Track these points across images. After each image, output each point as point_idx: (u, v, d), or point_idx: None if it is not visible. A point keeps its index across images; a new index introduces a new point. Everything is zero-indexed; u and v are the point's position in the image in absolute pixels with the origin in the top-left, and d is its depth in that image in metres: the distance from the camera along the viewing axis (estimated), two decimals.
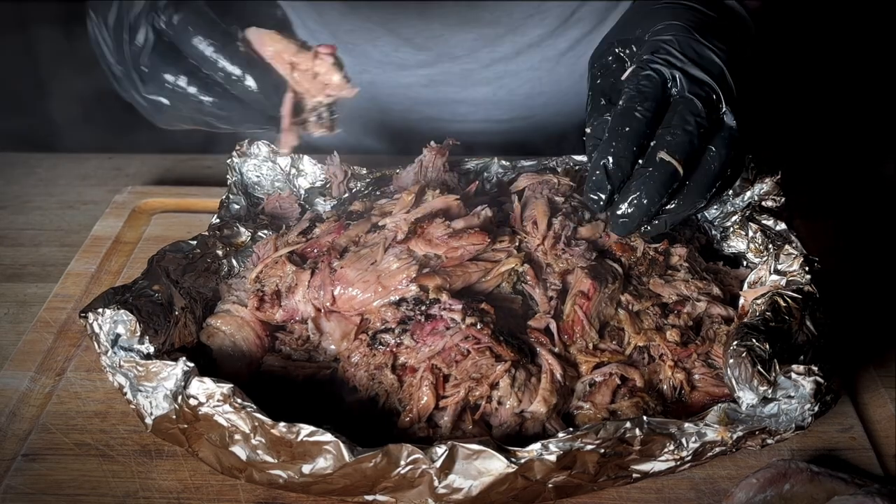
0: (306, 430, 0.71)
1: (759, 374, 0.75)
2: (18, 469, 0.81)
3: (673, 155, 0.77)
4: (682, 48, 0.82)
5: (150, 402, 0.77)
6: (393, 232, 0.90)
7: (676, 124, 0.78)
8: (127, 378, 0.78)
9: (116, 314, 0.81)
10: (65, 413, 0.87)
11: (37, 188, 1.30)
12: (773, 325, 0.81)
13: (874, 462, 0.82)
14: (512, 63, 1.26)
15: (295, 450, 0.71)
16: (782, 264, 0.91)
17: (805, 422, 0.75)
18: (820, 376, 0.75)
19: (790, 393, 0.75)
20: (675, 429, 0.74)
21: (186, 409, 0.75)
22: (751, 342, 0.78)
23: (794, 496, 0.75)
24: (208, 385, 0.74)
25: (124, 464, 0.81)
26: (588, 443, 0.72)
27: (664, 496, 0.78)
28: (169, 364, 0.76)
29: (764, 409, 0.75)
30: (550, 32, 1.23)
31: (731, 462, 0.81)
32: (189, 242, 0.95)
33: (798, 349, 0.81)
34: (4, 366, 0.93)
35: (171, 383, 0.76)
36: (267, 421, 0.72)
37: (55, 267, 1.11)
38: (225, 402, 0.74)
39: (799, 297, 0.84)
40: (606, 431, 0.72)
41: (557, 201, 0.97)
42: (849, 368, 0.93)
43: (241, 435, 0.73)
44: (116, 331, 0.80)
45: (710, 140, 0.80)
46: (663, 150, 0.78)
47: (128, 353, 0.79)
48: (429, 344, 0.81)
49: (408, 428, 0.79)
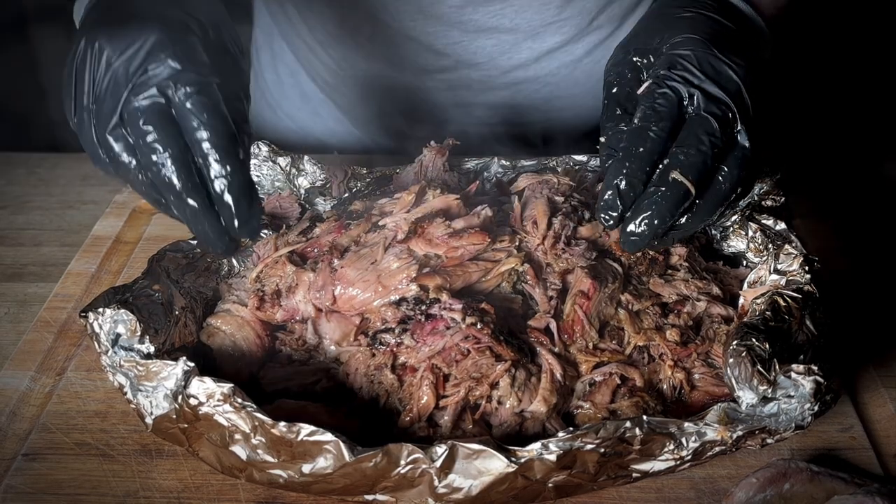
0: (306, 429, 0.71)
1: (758, 374, 0.75)
2: (19, 469, 0.81)
3: (686, 176, 0.78)
4: (700, 64, 0.82)
5: (151, 401, 0.77)
6: (393, 232, 0.90)
7: (691, 143, 0.78)
8: (127, 378, 0.78)
9: (117, 314, 0.81)
10: (65, 413, 0.87)
11: (37, 188, 1.30)
12: (773, 324, 0.81)
13: (874, 462, 0.82)
14: (530, 69, 1.27)
15: (295, 449, 0.71)
16: (782, 264, 0.91)
17: (805, 421, 0.75)
18: (820, 376, 0.75)
19: (790, 392, 0.75)
20: (674, 428, 0.74)
21: (187, 409, 0.75)
22: (750, 342, 0.78)
23: (794, 496, 0.75)
24: (208, 385, 0.74)
25: (125, 463, 0.81)
26: (588, 442, 0.72)
27: (664, 496, 0.78)
28: (169, 364, 0.76)
29: (764, 409, 0.75)
30: (569, 39, 1.24)
31: (731, 462, 0.81)
32: (189, 242, 0.95)
33: (798, 349, 0.81)
34: (5, 365, 0.93)
35: (172, 383, 0.76)
36: (267, 420, 0.72)
37: (55, 267, 1.11)
38: (225, 402, 0.73)
39: (799, 296, 0.84)
40: (606, 431, 0.72)
41: (557, 201, 0.97)
42: (849, 368, 0.93)
43: (241, 434, 0.73)
44: (117, 330, 0.80)
45: (723, 159, 0.81)
46: (676, 169, 0.78)
47: (128, 353, 0.79)
48: (429, 344, 0.81)
49: (408, 427, 0.80)
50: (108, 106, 0.73)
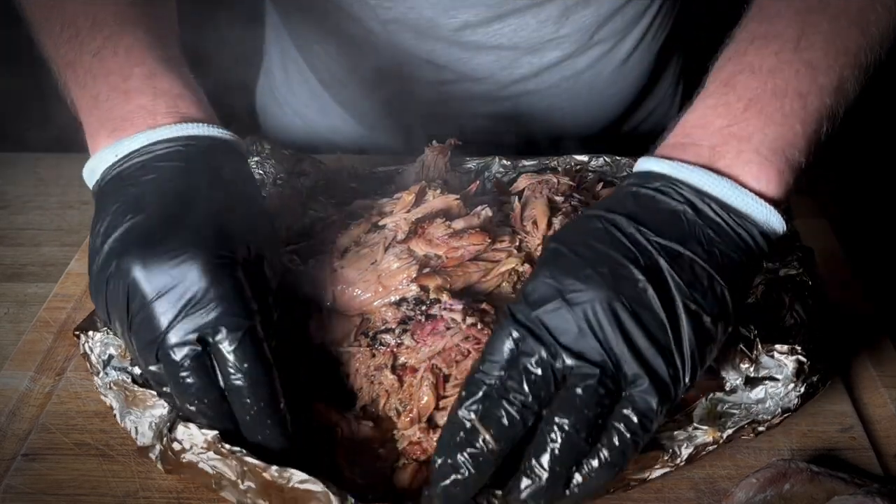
0: (298, 476, 0.69)
1: (741, 353, 0.77)
2: (18, 469, 0.81)
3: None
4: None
5: (137, 427, 0.77)
6: (393, 232, 0.90)
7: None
8: (118, 400, 0.78)
9: (106, 337, 0.80)
10: (65, 413, 0.87)
11: (37, 188, 1.30)
12: (761, 308, 0.82)
13: (874, 462, 0.82)
14: (531, 82, 1.27)
15: (286, 495, 0.70)
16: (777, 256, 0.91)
17: (791, 403, 0.76)
18: (802, 355, 0.76)
19: (774, 374, 0.76)
20: (665, 440, 0.75)
21: (171, 454, 0.73)
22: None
23: (794, 496, 0.75)
24: (193, 431, 0.72)
25: (124, 464, 0.81)
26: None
27: (664, 496, 0.78)
28: (154, 394, 0.76)
29: (750, 394, 0.76)
30: (570, 54, 1.24)
31: (731, 462, 0.81)
32: None
33: (786, 333, 0.82)
34: (4, 366, 0.93)
35: (157, 412, 0.75)
36: (259, 464, 0.70)
37: (55, 267, 1.11)
38: (209, 450, 0.72)
39: (789, 284, 0.84)
40: None
41: (557, 201, 0.97)
42: (848, 368, 0.93)
43: (227, 482, 0.72)
44: (108, 352, 0.80)
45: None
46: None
47: (120, 374, 0.79)
48: (429, 344, 0.81)
49: (407, 429, 0.80)
50: (144, 339, 0.70)
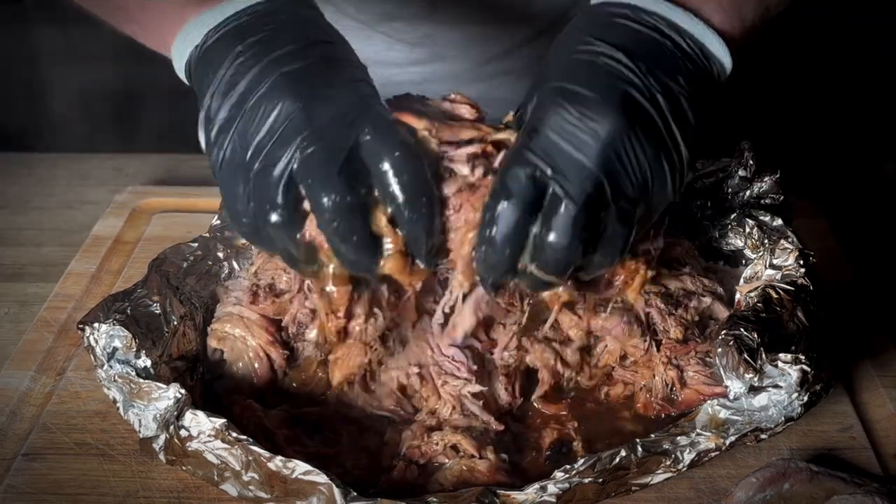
0: (302, 467, 0.70)
1: (745, 363, 0.76)
2: (19, 468, 0.81)
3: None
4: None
5: (140, 419, 0.77)
6: None
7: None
8: (121, 393, 0.78)
9: (112, 329, 0.80)
10: (65, 412, 0.87)
11: (37, 188, 1.30)
12: (764, 315, 0.81)
13: (873, 462, 0.82)
14: (505, 61, 1.27)
15: (289, 486, 0.70)
16: (777, 259, 0.91)
17: (794, 412, 0.76)
18: (806, 364, 0.75)
19: (777, 382, 0.76)
20: (668, 445, 0.75)
21: (176, 442, 0.74)
22: (739, 331, 0.78)
23: (794, 495, 0.75)
24: (201, 419, 0.73)
25: (125, 463, 0.81)
26: (586, 477, 0.72)
27: (664, 495, 0.78)
28: (161, 387, 0.76)
29: (753, 401, 0.76)
30: (540, 32, 1.24)
31: (731, 461, 0.81)
32: (190, 245, 0.95)
33: (789, 339, 0.81)
34: (5, 365, 0.93)
35: (162, 405, 0.75)
36: (264, 454, 0.71)
37: (55, 267, 1.11)
38: (217, 438, 0.72)
39: (791, 289, 0.84)
40: (602, 463, 0.72)
41: None
42: (848, 368, 0.93)
43: (231, 472, 0.72)
44: (113, 345, 0.80)
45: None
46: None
47: (124, 367, 0.79)
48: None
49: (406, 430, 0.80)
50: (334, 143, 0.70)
